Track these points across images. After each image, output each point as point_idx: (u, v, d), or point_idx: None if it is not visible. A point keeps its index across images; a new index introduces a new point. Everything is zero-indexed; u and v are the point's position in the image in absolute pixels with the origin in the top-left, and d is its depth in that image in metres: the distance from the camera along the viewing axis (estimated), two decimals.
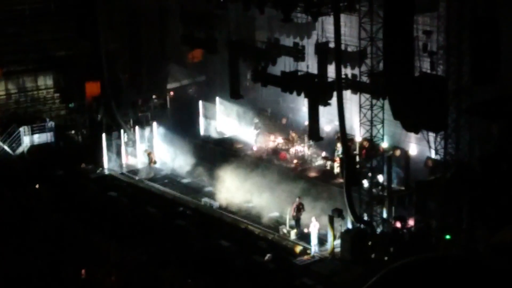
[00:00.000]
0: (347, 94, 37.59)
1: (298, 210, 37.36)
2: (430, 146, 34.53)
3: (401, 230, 34.85)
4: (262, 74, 39.67)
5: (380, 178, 36.05)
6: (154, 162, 46.47)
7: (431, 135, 34.12)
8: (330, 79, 36.44)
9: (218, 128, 49.15)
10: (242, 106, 47.37)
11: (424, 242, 34.07)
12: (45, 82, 52.50)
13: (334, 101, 35.36)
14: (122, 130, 47.39)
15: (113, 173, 46.45)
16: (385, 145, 36.64)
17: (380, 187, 36.01)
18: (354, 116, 38.84)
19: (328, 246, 35.72)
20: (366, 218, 35.39)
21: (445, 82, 32.72)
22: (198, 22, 43.27)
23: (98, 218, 39.71)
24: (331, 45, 36.31)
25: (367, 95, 34.48)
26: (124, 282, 33.50)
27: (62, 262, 35.26)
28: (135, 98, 50.53)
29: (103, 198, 42.50)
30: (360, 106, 34.76)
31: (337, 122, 36.42)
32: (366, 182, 36.17)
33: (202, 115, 49.43)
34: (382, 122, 34.58)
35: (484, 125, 34.88)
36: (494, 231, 32.29)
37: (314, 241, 35.67)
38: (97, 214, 40.22)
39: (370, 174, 35.50)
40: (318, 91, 36.54)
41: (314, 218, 35.88)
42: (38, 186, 43.68)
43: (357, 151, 37.29)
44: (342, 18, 35.48)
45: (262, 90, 47.04)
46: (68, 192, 43.30)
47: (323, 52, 37.30)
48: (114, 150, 47.18)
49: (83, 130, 49.97)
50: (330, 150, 42.55)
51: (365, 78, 34.85)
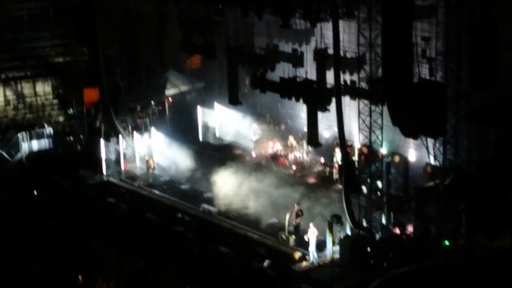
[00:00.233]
0: (346, 100, 37.59)
1: (297, 216, 37.34)
2: (429, 152, 34.53)
3: (400, 236, 34.81)
4: (261, 80, 39.67)
5: (379, 184, 36.02)
6: (153, 168, 46.47)
7: (430, 141, 34.13)
8: (329, 85, 36.40)
9: (217, 134, 49.19)
10: (241, 112, 47.40)
11: (423, 248, 34.05)
12: (43, 88, 52.56)
13: (333, 107, 35.36)
14: (120, 136, 47.35)
15: (111, 179, 46.39)
16: (384, 151, 36.64)
17: (379, 193, 35.98)
18: (353, 122, 38.83)
19: (327, 252, 35.66)
20: (365, 224, 35.35)
21: (443, 88, 32.72)
22: (196, 28, 43.30)
23: (96, 224, 39.68)
24: (330, 51, 36.31)
25: (366, 101, 34.47)
26: None
27: (60, 268, 35.22)
28: (134, 104, 50.58)
29: (102, 204, 42.45)
30: (359, 112, 34.76)
31: (336, 128, 36.37)
32: (365, 188, 36.12)
33: (200, 121, 49.45)
34: (381, 128, 34.55)
35: (482, 131, 34.92)
36: (493, 237, 32.35)
37: (313, 247, 35.61)
38: (95, 220, 40.19)
39: (369, 180, 35.47)
40: (317, 97, 36.52)
41: (312, 225, 35.83)
42: (36, 192, 43.64)
43: (356, 157, 37.37)
44: (341, 24, 35.47)
45: (261, 96, 47.10)
46: (66, 198, 43.26)
47: (322, 58, 37.29)
48: (113, 156, 47.15)
49: (82, 136, 49.95)
50: (329, 156, 42.57)
51: (364, 84, 34.83)
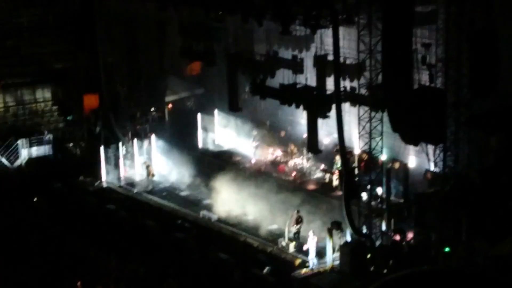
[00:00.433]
0: (346, 107, 37.58)
1: (297, 223, 37.28)
2: (429, 159, 34.50)
3: (400, 242, 34.76)
4: (260, 87, 39.66)
5: (379, 190, 35.98)
6: (152, 175, 46.42)
7: (430, 148, 34.11)
8: (329, 92, 36.40)
9: (217, 140, 49.16)
10: (241, 119, 47.37)
11: (423, 254, 34.00)
12: (43, 94, 52.54)
13: (333, 113, 35.33)
14: (120, 143, 47.32)
15: (111, 185, 46.34)
16: (384, 157, 36.59)
17: (379, 200, 35.94)
18: (353, 128, 38.78)
19: (327, 259, 35.59)
20: (365, 230, 35.31)
21: (444, 94, 32.73)
22: (196, 35, 43.30)
23: (96, 231, 39.63)
24: (330, 57, 36.31)
25: (366, 108, 34.46)
26: None
27: (60, 275, 35.18)
28: (134, 110, 50.45)
29: (101, 211, 42.41)
30: (359, 119, 34.74)
31: (336, 135, 36.35)
32: (365, 195, 36.10)
33: (200, 128, 49.42)
34: (381, 134, 34.53)
35: (483, 137, 34.90)
36: (493, 244, 32.30)
37: (313, 254, 35.54)
38: (95, 227, 40.14)
39: (369, 187, 35.43)
40: (317, 104, 36.50)
41: (312, 232, 35.76)
42: (36, 199, 43.61)
43: (356, 164, 37.29)
44: (341, 30, 35.49)
45: (261, 103, 47.04)
46: (66, 205, 43.22)
47: (322, 64, 37.29)
48: (112, 163, 47.11)
49: (81, 143, 49.91)
50: (329, 162, 42.53)
51: (364, 91, 34.81)
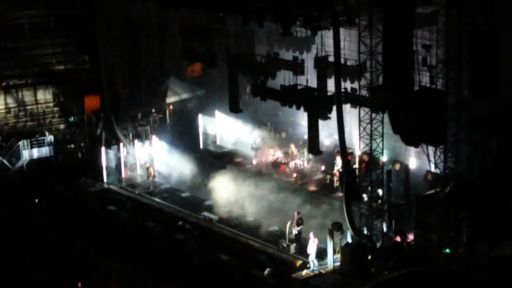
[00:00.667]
0: (347, 108, 37.59)
1: (298, 224, 37.27)
2: (429, 160, 34.52)
3: (401, 244, 34.76)
4: (261, 88, 39.65)
5: (379, 192, 35.99)
6: (153, 176, 46.42)
7: (431, 149, 34.12)
8: (329, 93, 36.44)
9: (218, 142, 49.18)
10: (242, 120, 47.39)
11: (424, 256, 34.00)
12: (44, 96, 52.59)
13: (333, 115, 35.33)
14: (121, 144, 47.31)
15: (112, 187, 46.32)
16: (384, 159, 36.61)
17: (379, 201, 35.94)
18: (353, 130, 38.79)
19: (328, 260, 35.58)
20: (366, 232, 35.31)
21: (444, 96, 32.76)
22: (197, 36, 43.28)
23: (97, 232, 39.67)
24: (331, 59, 36.33)
25: (367, 109, 34.46)
26: None
27: (61, 276, 35.21)
28: (135, 112, 50.56)
29: (103, 212, 42.44)
30: (359, 120, 34.73)
31: (336, 136, 36.38)
32: (365, 196, 36.11)
33: (201, 129, 49.46)
34: (382, 136, 34.53)
35: (483, 139, 34.88)
36: (493, 245, 32.30)
37: (313, 255, 35.55)
38: (96, 228, 40.18)
39: (369, 188, 35.43)
40: (318, 105, 36.51)
41: (313, 234, 35.74)
42: (37, 200, 43.65)
43: (356, 165, 37.29)
44: (342, 32, 35.50)
45: (262, 104, 47.07)
46: (67, 206, 43.26)
47: (323, 66, 37.32)
48: (114, 164, 47.11)
49: (82, 144, 49.92)
50: (330, 164, 42.54)
51: (364, 92, 34.82)
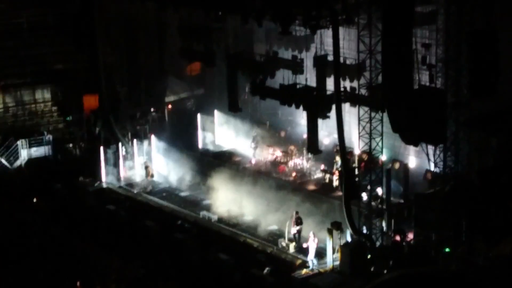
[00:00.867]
0: (346, 107, 37.60)
1: (297, 224, 37.26)
2: (429, 159, 34.51)
3: (400, 243, 34.76)
4: (260, 87, 39.63)
5: (379, 191, 35.98)
6: (152, 176, 46.40)
7: (430, 148, 34.10)
8: (329, 92, 36.39)
9: (217, 141, 49.16)
10: (241, 119, 47.37)
11: (423, 255, 34.00)
12: (43, 95, 52.53)
13: (333, 114, 35.32)
14: (120, 143, 47.30)
15: (111, 186, 46.33)
16: (384, 158, 36.61)
17: (379, 200, 35.93)
18: (353, 129, 38.78)
19: (327, 259, 35.57)
20: (365, 231, 35.30)
21: (444, 95, 32.73)
22: (196, 35, 43.27)
23: (96, 232, 39.62)
24: (330, 58, 36.29)
25: (366, 108, 34.45)
26: None
27: (59, 275, 35.17)
28: (133, 111, 50.53)
29: (101, 212, 42.39)
30: (359, 119, 34.73)
31: (336, 135, 36.36)
32: (365, 195, 36.10)
33: (200, 128, 49.44)
34: (381, 135, 34.52)
35: (483, 138, 34.88)
36: (493, 244, 32.30)
37: (313, 254, 35.54)
38: (95, 228, 40.13)
39: (369, 187, 35.43)
40: (317, 104, 36.48)
41: (312, 233, 35.73)
42: (36, 199, 43.59)
43: (356, 164, 37.27)
44: (341, 31, 35.47)
45: (261, 103, 47.06)
46: (66, 205, 43.20)
47: (322, 65, 37.26)
48: (112, 163, 47.10)
49: (81, 143, 49.92)
50: (329, 163, 42.54)
51: (364, 91, 34.81)
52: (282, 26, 36.73)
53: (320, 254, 35.77)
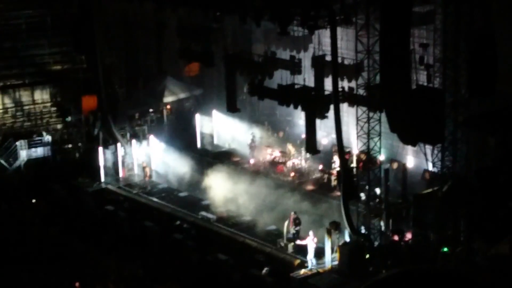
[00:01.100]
0: (344, 107, 37.57)
1: (295, 224, 37.27)
2: (427, 159, 34.55)
3: (398, 243, 34.79)
4: (258, 87, 39.62)
5: (377, 191, 36.01)
6: (150, 176, 46.40)
7: (428, 148, 34.15)
8: (327, 92, 36.42)
9: (215, 141, 49.18)
10: (239, 119, 47.39)
11: (422, 255, 34.02)
12: (41, 96, 52.51)
13: (331, 114, 35.36)
14: (119, 144, 47.31)
15: (110, 187, 46.30)
16: (382, 158, 36.66)
17: (377, 200, 35.96)
18: (351, 129, 38.84)
19: (325, 259, 35.59)
20: (363, 231, 35.33)
21: (442, 94, 32.76)
22: (194, 36, 43.24)
23: (95, 232, 39.65)
24: (328, 58, 36.31)
25: (364, 108, 34.49)
26: None
27: (58, 276, 35.19)
28: (132, 111, 50.52)
29: (100, 212, 42.43)
30: (357, 119, 34.77)
31: (334, 135, 36.40)
32: (363, 195, 36.11)
33: (199, 129, 49.45)
34: (379, 135, 34.55)
35: (481, 138, 34.93)
36: (491, 244, 32.32)
37: (311, 254, 35.56)
38: (94, 228, 40.16)
39: (367, 187, 35.46)
40: (315, 104, 36.48)
41: (312, 232, 35.78)
42: (35, 200, 43.61)
43: (354, 164, 37.27)
44: (339, 31, 35.52)
45: (259, 103, 47.10)
46: (65, 206, 43.24)
47: (320, 65, 37.28)
48: (111, 164, 47.11)
49: (80, 144, 49.93)
50: (327, 163, 42.56)
51: (362, 91, 34.84)
52: (280, 26, 36.76)
53: (318, 254, 35.79)
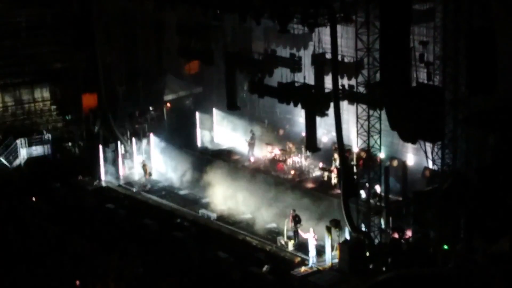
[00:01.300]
0: (344, 105, 37.58)
1: (294, 222, 37.28)
2: (427, 157, 34.53)
3: (399, 240, 34.78)
4: (259, 85, 39.63)
5: (377, 188, 36.01)
6: (149, 174, 46.39)
7: (428, 146, 34.12)
8: (327, 90, 36.43)
9: (215, 139, 49.16)
10: (239, 118, 47.38)
11: (422, 252, 34.02)
12: (41, 94, 52.57)
13: (331, 112, 35.37)
14: (119, 142, 47.34)
15: (110, 185, 46.37)
16: (382, 155, 36.62)
17: (377, 198, 35.95)
18: (351, 126, 38.85)
19: (326, 257, 35.61)
20: (363, 228, 35.33)
21: (442, 92, 32.75)
22: (194, 34, 43.23)
23: (95, 230, 39.64)
24: (328, 56, 36.32)
25: (364, 106, 34.47)
26: None
27: (59, 274, 35.19)
28: (132, 110, 50.50)
29: (101, 210, 42.42)
30: (357, 117, 34.75)
31: (334, 133, 36.39)
32: (363, 193, 36.12)
33: (199, 127, 49.44)
34: (379, 132, 34.53)
35: (481, 135, 34.88)
36: (492, 241, 32.31)
37: (312, 252, 35.58)
38: (94, 226, 40.15)
39: (367, 185, 35.45)
40: (315, 102, 36.51)
41: (312, 230, 35.79)
42: (35, 198, 43.60)
43: (354, 162, 37.26)
44: (339, 29, 35.52)
45: (259, 101, 47.05)
46: (65, 204, 43.22)
47: (320, 63, 37.28)
48: (111, 162, 47.13)
49: (80, 142, 49.93)
50: (328, 161, 42.50)
51: (362, 89, 34.82)
52: (280, 24, 36.76)
53: (319, 251, 35.80)
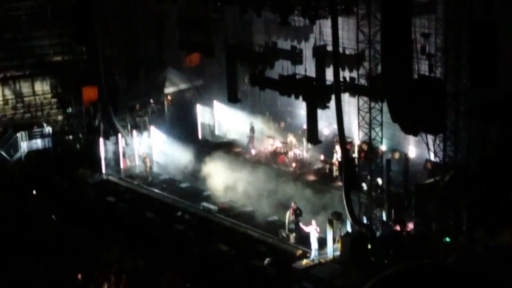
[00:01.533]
0: (346, 97, 37.54)
1: (295, 215, 37.23)
2: (429, 149, 34.45)
3: (400, 233, 34.76)
4: (260, 78, 39.58)
5: (379, 181, 35.95)
6: (150, 167, 46.34)
7: (430, 138, 34.03)
8: (328, 82, 36.36)
9: (216, 132, 49.13)
10: (240, 110, 47.32)
11: (423, 245, 33.99)
12: (42, 87, 52.47)
13: (332, 104, 35.29)
14: (119, 135, 47.30)
15: (111, 178, 46.34)
16: (384, 148, 36.57)
17: (379, 190, 35.91)
18: (352, 119, 38.75)
19: (327, 249, 35.58)
20: (365, 221, 35.28)
21: (443, 84, 32.64)
22: (195, 26, 43.19)
23: (96, 223, 39.63)
24: (329, 48, 36.26)
25: (366, 98, 34.37)
26: (122, 286, 33.39)
27: (60, 267, 35.16)
28: (133, 102, 50.49)
29: (101, 203, 42.40)
30: (358, 109, 34.66)
31: (335, 125, 36.32)
32: (365, 185, 36.07)
33: (200, 119, 49.39)
34: (381, 125, 34.45)
35: (482, 127, 34.83)
36: (493, 234, 32.28)
37: (314, 245, 35.54)
38: (95, 219, 40.13)
39: (369, 177, 35.40)
40: (317, 94, 36.44)
41: (315, 222, 35.75)
42: (35, 191, 43.56)
43: (356, 154, 37.24)
44: (340, 21, 35.40)
45: (260, 94, 47.02)
46: (66, 197, 43.20)
47: (321, 55, 37.21)
48: (112, 155, 47.09)
49: (81, 135, 49.88)
50: (329, 153, 42.51)
51: (363, 81, 34.71)
52: (281, 17, 36.70)
53: (320, 244, 35.76)
